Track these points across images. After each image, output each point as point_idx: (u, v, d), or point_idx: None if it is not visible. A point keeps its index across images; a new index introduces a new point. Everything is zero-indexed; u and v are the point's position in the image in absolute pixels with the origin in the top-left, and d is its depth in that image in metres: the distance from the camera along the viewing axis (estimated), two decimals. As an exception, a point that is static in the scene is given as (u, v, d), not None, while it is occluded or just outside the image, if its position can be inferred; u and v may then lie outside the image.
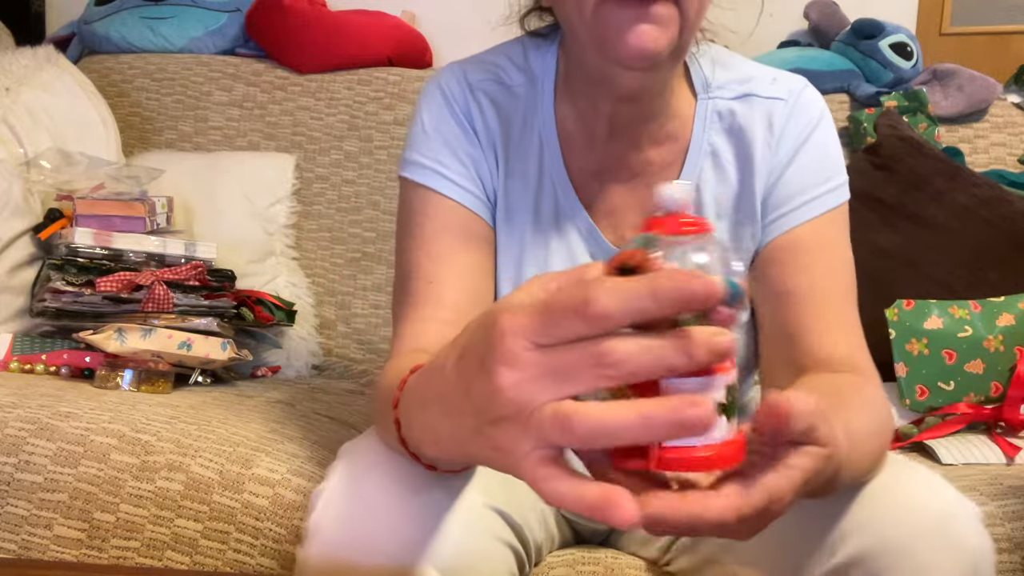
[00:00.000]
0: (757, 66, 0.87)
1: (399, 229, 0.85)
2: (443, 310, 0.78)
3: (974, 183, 1.41)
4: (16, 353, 1.29)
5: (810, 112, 0.83)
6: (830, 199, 0.81)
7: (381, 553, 0.63)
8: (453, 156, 0.83)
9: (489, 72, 0.86)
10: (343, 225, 1.75)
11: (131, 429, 1.00)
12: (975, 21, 2.04)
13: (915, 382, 1.23)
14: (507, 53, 0.88)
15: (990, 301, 1.27)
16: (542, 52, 0.86)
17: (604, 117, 0.82)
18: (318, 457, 1.02)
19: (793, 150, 0.82)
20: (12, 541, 0.95)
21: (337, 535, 0.64)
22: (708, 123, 0.84)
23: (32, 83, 1.59)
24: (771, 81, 0.84)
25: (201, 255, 1.40)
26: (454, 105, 0.85)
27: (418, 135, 0.85)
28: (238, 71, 1.88)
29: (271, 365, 1.56)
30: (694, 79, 0.85)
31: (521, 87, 0.86)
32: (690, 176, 0.84)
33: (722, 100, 0.84)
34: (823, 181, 0.81)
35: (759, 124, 0.83)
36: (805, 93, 0.84)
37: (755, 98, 0.84)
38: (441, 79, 0.86)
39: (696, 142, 0.84)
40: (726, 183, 0.84)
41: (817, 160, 0.82)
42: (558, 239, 0.84)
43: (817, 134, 0.83)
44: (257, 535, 0.94)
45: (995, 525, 0.97)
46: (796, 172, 0.82)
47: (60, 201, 1.44)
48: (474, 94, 0.85)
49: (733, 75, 0.85)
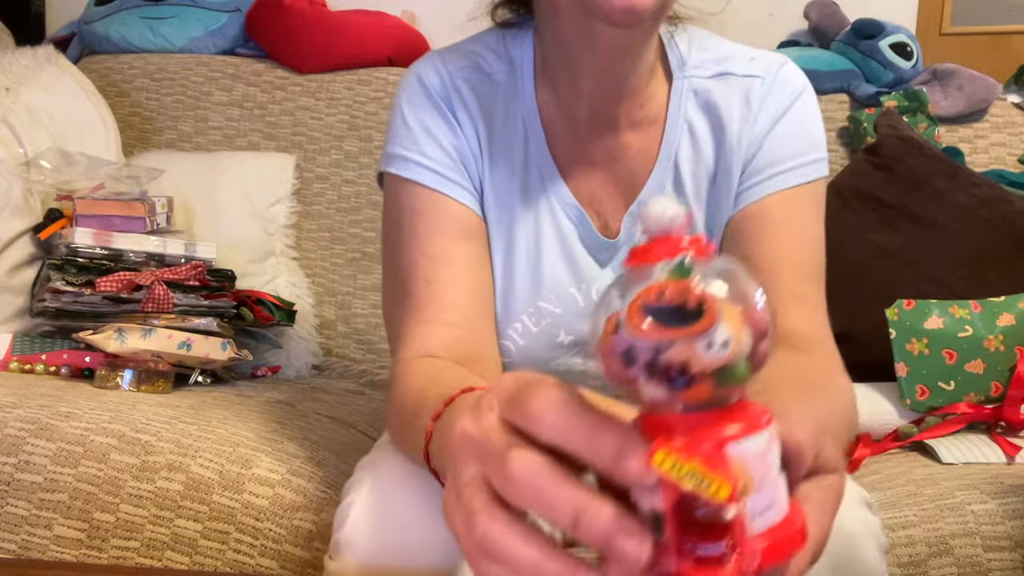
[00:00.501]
0: (736, 46, 0.85)
1: (387, 227, 0.84)
2: (446, 312, 0.77)
3: (974, 183, 1.41)
4: (16, 353, 1.29)
5: (790, 87, 0.82)
6: (804, 172, 0.80)
7: (413, 561, 0.64)
8: (438, 148, 0.81)
9: (468, 60, 0.84)
10: (343, 225, 1.75)
11: (131, 429, 1.00)
12: (975, 21, 2.05)
13: (915, 382, 1.23)
14: (484, 41, 0.86)
15: (990, 301, 1.27)
16: (519, 39, 0.85)
17: (584, 98, 0.80)
18: (318, 457, 1.02)
19: (771, 123, 0.81)
20: (12, 541, 0.95)
21: (370, 547, 0.65)
22: (684, 101, 0.83)
23: (32, 83, 1.59)
24: (749, 60, 0.83)
25: (201, 255, 1.40)
26: (434, 95, 0.82)
27: (400, 129, 0.83)
28: (238, 71, 1.88)
29: (271, 365, 1.55)
30: (671, 60, 0.84)
31: (501, 74, 0.84)
32: (668, 155, 0.82)
33: (698, 79, 0.83)
34: (798, 154, 0.80)
35: (736, 101, 0.81)
36: (784, 69, 0.82)
37: (732, 76, 0.82)
38: (419, 69, 0.84)
39: (672, 121, 0.82)
40: (702, 161, 0.82)
41: (794, 133, 0.81)
42: (548, 226, 0.83)
43: (796, 107, 0.81)
44: (257, 535, 0.94)
45: (995, 523, 0.97)
46: (773, 142, 0.80)
47: (60, 201, 1.44)
48: (454, 82, 0.83)
49: (710, 55, 0.84)
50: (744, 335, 0.33)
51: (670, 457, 0.32)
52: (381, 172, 0.85)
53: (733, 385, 0.34)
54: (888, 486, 1.05)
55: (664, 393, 0.33)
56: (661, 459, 0.32)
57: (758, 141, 0.81)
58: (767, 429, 0.35)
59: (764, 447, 0.35)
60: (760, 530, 0.34)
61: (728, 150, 0.81)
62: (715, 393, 0.33)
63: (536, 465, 0.35)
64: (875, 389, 1.27)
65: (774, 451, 0.35)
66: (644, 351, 0.33)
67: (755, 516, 0.34)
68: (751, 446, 0.34)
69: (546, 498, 0.35)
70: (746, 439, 0.34)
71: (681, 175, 0.82)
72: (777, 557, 0.34)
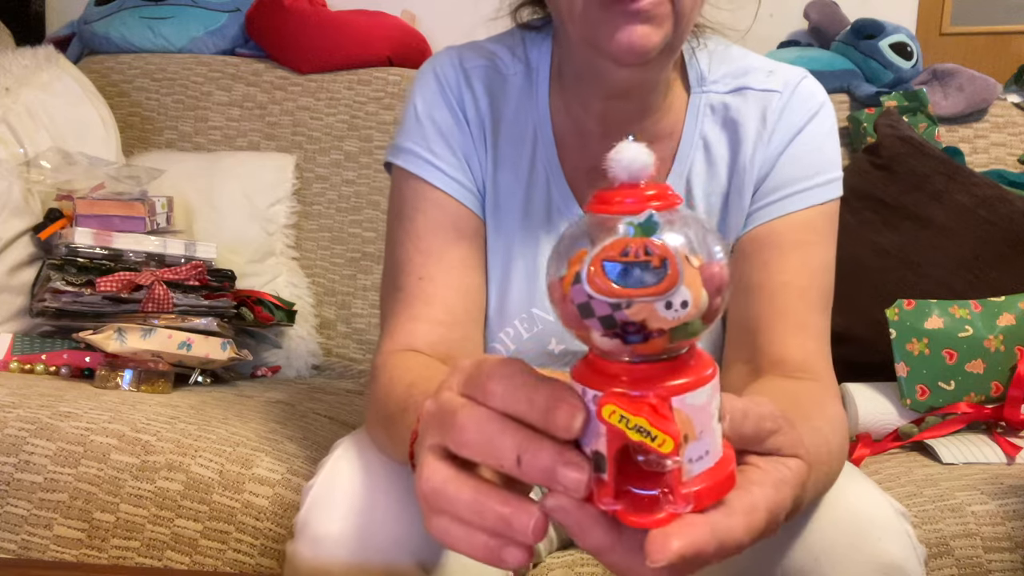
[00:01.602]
0: (756, 58, 0.84)
1: (391, 216, 0.84)
2: (434, 309, 0.77)
3: (974, 183, 1.41)
4: (16, 353, 1.29)
5: (808, 104, 0.80)
6: (817, 194, 0.78)
7: (372, 549, 0.63)
8: (446, 146, 0.81)
9: (486, 59, 0.84)
10: (343, 225, 1.75)
11: (131, 429, 1.00)
12: (975, 21, 2.04)
13: (916, 382, 1.23)
14: (505, 42, 0.86)
15: (990, 301, 1.27)
16: (538, 44, 0.84)
17: (595, 116, 0.80)
18: (318, 457, 1.02)
19: (786, 141, 0.79)
20: (12, 541, 0.95)
21: (327, 531, 0.64)
22: (700, 117, 0.81)
23: (32, 83, 1.59)
24: (767, 73, 0.81)
25: (201, 255, 1.40)
26: (448, 91, 0.82)
27: (411, 121, 0.83)
28: (238, 71, 1.88)
29: (271, 365, 1.56)
30: (689, 73, 0.82)
31: (517, 76, 0.83)
32: (680, 172, 0.81)
33: (715, 94, 0.81)
34: (811, 174, 0.78)
35: (752, 118, 0.80)
36: (803, 84, 0.81)
37: (750, 91, 0.81)
38: (436, 63, 0.84)
39: (687, 137, 0.81)
40: (716, 178, 0.81)
41: (808, 152, 0.79)
42: (548, 234, 0.83)
43: (812, 125, 0.79)
44: (257, 535, 0.94)
45: (996, 524, 0.97)
46: (786, 162, 0.79)
47: (60, 201, 1.44)
48: (468, 80, 0.83)
49: (729, 68, 0.82)
50: (703, 295, 0.33)
51: (619, 411, 0.34)
52: (388, 161, 0.85)
53: (685, 340, 0.35)
54: (888, 486, 1.05)
55: (617, 346, 0.34)
56: (610, 412, 0.34)
57: (771, 160, 0.79)
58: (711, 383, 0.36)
59: (707, 399, 0.36)
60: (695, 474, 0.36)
61: (741, 169, 0.80)
62: (667, 348, 0.35)
63: (482, 414, 0.37)
64: (875, 389, 1.27)
65: (715, 402, 0.37)
66: (602, 306, 0.33)
67: (692, 462, 0.36)
68: (695, 399, 0.35)
69: (491, 443, 0.37)
70: (691, 393, 0.35)
71: (692, 190, 0.81)
72: (708, 499, 0.36)
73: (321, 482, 0.67)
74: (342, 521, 0.64)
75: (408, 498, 0.64)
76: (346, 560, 0.63)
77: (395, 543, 0.63)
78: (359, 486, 0.65)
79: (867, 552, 0.59)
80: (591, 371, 0.36)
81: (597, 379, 0.35)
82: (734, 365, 0.77)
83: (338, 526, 0.64)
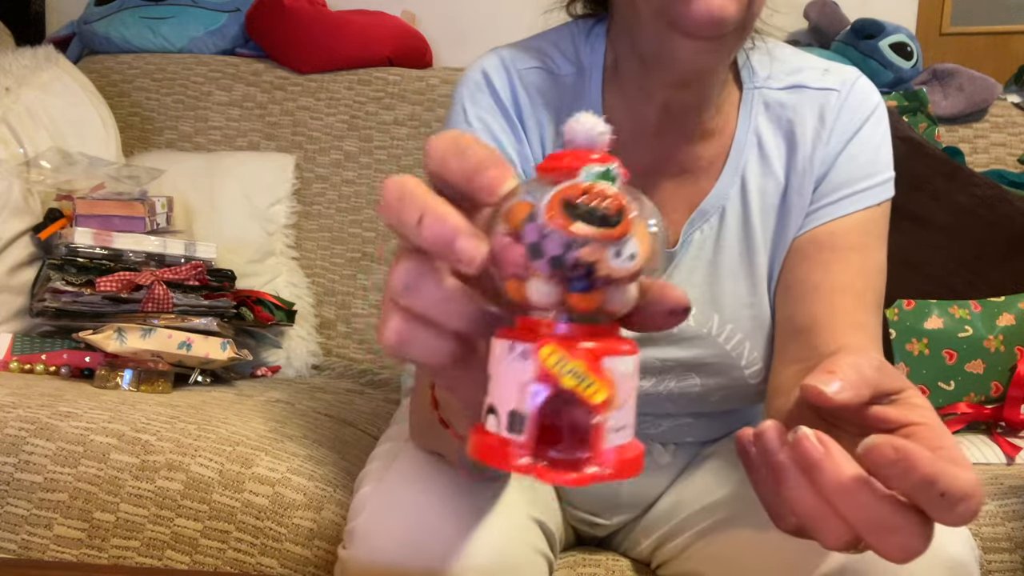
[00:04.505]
0: (808, 57, 0.83)
1: None
2: None
3: (974, 183, 1.41)
4: (16, 353, 1.29)
5: (865, 104, 0.79)
6: (874, 194, 0.78)
7: (425, 556, 0.64)
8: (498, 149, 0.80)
9: (537, 60, 0.80)
10: (343, 225, 1.75)
11: (131, 429, 1.00)
12: (975, 21, 2.04)
13: (915, 382, 1.23)
14: (555, 41, 0.82)
15: (990, 301, 1.27)
16: (591, 41, 0.81)
17: (656, 106, 0.77)
18: (318, 456, 1.02)
19: (844, 141, 0.78)
20: (12, 541, 0.95)
21: (380, 538, 0.66)
22: (754, 114, 0.80)
23: (32, 83, 1.59)
24: (823, 72, 0.80)
25: (201, 255, 1.40)
26: (500, 95, 0.79)
27: (459, 124, 0.79)
28: (238, 71, 1.88)
29: (271, 365, 1.56)
30: (741, 70, 0.81)
31: (570, 76, 0.80)
32: (735, 168, 0.79)
33: (770, 90, 0.80)
34: (869, 174, 0.78)
35: (810, 116, 0.79)
36: (859, 84, 0.80)
37: (806, 89, 0.80)
38: (485, 65, 0.80)
39: (741, 133, 0.80)
40: (772, 176, 0.79)
41: (866, 152, 0.78)
42: None
43: (869, 126, 0.79)
44: (257, 534, 0.94)
45: (995, 524, 0.97)
46: (844, 162, 0.78)
47: (60, 201, 1.44)
48: (522, 82, 0.79)
49: (782, 66, 0.81)
50: (648, 252, 0.34)
51: (557, 352, 0.33)
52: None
53: (616, 308, 0.35)
54: (888, 486, 1.05)
55: (555, 294, 0.33)
56: (548, 353, 0.33)
57: (830, 160, 0.78)
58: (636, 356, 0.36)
59: (632, 371, 0.36)
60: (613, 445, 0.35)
61: (801, 168, 0.79)
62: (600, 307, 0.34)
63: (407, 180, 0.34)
64: (875, 389, 1.27)
65: (636, 378, 0.36)
66: (555, 244, 0.33)
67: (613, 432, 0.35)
68: (624, 366, 0.35)
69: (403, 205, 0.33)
70: (621, 358, 0.35)
71: (747, 187, 0.80)
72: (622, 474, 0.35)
73: (374, 491, 0.69)
74: (397, 529, 0.66)
75: (462, 507, 0.66)
76: (402, 566, 0.64)
77: (450, 550, 0.64)
78: (413, 495, 0.67)
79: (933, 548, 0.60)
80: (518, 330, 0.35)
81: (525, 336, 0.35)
82: (788, 366, 0.75)
83: (394, 534, 0.65)
